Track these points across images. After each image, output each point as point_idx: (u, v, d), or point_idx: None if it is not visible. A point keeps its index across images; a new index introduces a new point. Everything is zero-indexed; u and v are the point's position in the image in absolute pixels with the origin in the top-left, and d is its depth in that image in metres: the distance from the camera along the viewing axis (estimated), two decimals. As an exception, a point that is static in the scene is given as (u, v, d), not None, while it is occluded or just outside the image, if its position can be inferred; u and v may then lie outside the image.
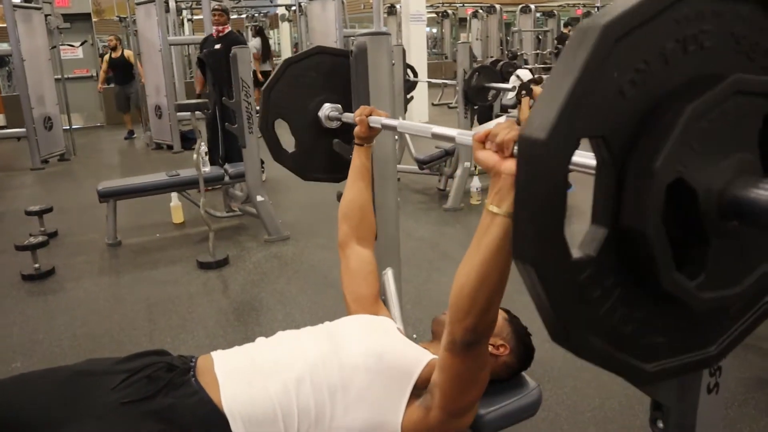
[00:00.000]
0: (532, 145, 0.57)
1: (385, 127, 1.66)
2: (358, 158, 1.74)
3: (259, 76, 11.13)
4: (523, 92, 4.89)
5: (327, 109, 2.01)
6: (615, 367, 0.66)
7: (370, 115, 1.66)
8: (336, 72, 2.02)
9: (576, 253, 0.60)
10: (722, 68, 0.63)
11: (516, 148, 0.60)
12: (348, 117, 1.88)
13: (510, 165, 0.95)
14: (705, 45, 0.63)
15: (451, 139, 1.29)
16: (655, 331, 0.67)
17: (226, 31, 5.79)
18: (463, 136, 1.23)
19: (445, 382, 1.21)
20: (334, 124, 2.01)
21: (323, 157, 2.04)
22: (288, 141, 2.05)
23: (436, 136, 1.41)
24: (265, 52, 11.28)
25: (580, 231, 0.63)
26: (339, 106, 2.02)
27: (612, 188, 0.61)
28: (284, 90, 2.02)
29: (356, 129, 1.69)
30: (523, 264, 0.60)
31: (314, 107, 2.03)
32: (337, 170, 1.96)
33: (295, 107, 2.03)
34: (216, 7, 5.88)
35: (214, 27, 5.87)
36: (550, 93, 0.58)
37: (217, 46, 5.62)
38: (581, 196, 1.38)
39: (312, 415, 1.27)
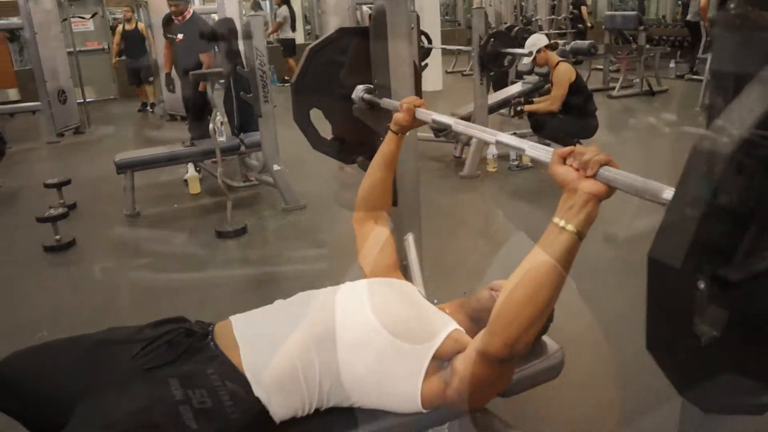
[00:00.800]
0: (666, 269, 0.66)
1: (436, 122, 1.59)
2: (388, 145, 1.70)
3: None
4: (519, 108, 5.16)
5: (360, 91, 1.95)
6: (740, 411, 0.78)
7: (419, 107, 1.62)
8: (363, 50, 1.96)
9: (705, 338, 0.71)
10: None
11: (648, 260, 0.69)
12: (388, 104, 1.81)
13: (590, 185, 0.96)
14: None
15: (521, 150, 1.20)
16: (765, 371, 0.77)
17: (188, 16, 5.43)
18: (535, 149, 1.13)
19: (467, 377, 1.22)
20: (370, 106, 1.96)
21: (362, 138, 2.00)
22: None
23: (502, 145, 1.32)
24: (292, 20, 11.33)
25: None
26: (372, 86, 1.96)
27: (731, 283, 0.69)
28: (313, 79, 1.96)
29: (399, 116, 1.64)
30: (660, 357, 0.73)
31: (347, 91, 1.97)
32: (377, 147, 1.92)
33: (327, 94, 1.98)
34: None
35: (174, 17, 5.43)
36: (676, 219, 0.66)
37: (180, 36, 5.35)
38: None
39: (333, 375, 1.28)
